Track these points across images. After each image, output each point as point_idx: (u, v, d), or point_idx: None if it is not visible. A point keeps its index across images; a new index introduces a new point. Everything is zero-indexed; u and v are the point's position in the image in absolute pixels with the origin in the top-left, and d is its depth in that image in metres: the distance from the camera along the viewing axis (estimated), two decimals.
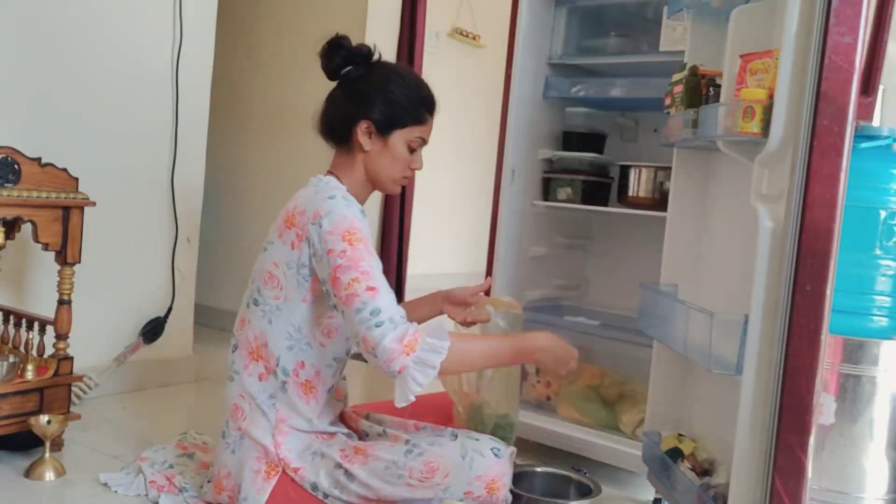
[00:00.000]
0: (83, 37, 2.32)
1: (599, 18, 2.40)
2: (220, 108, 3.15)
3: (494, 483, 1.52)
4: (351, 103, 1.67)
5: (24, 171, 1.85)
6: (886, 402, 1.56)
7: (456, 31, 4.90)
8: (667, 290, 1.79)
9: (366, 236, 1.54)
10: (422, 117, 1.67)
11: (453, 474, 1.51)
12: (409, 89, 1.66)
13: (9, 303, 2.17)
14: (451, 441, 1.56)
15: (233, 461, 1.63)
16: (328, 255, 1.50)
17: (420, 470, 1.51)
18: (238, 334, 1.66)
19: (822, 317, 1.30)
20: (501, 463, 1.54)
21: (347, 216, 1.53)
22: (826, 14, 1.29)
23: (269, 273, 1.59)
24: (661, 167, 2.16)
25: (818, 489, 1.56)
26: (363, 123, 1.64)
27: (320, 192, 1.59)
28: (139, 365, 2.56)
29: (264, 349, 1.60)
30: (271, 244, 1.61)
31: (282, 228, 1.59)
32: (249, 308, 1.64)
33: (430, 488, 1.51)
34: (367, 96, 1.65)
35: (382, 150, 1.65)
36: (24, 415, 1.87)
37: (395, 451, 1.55)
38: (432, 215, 5.21)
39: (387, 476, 1.52)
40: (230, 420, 1.64)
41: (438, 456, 1.52)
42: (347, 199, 1.57)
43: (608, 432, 2.12)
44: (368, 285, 1.47)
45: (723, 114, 1.46)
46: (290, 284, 1.57)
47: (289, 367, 1.60)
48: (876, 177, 1.57)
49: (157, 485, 1.76)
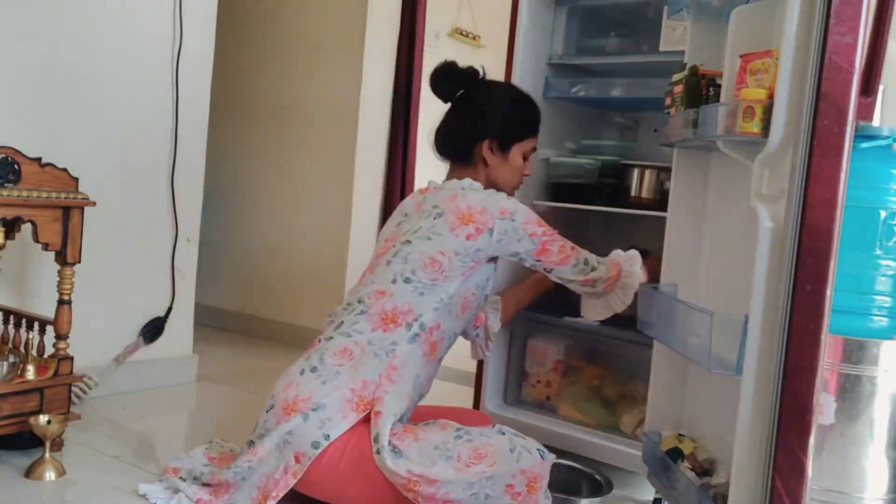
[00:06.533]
0: (83, 37, 2.32)
1: (599, 18, 2.40)
2: (220, 108, 3.15)
3: (536, 481, 1.57)
4: (472, 123, 1.88)
5: (24, 171, 1.85)
6: (886, 402, 1.56)
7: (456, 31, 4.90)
8: (667, 290, 1.79)
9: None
10: (535, 130, 1.92)
11: (500, 464, 1.56)
12: (523, 106, 1.92)
13: (9, 303, 2.17)
14: (500, 435, 1.62)
15: (320, 388, 1.66)
16: (531, 237, 1.79)
17: (468, 454, 1.57)
18: (370, 302, 1.75)
19: (822, 317, 1.30)
20: (545, 464, 1.60)
21: (527, 210, 1.81)
22: (826, 14, 1.29)
23: (433, 259, 1.74)
24: (661, 167, 2.16)
25: (818, 489, 1.56)
26: (486, 142, 1.86)
27: (492, 195, 1.80)
28: (139, 365, 2.56)
29: (403, 314, 1.73)
30: (439, 236, 1.75)
31: (455, 223, 1.75)
32: (396, 284, 1.74)
33: (475, 474, 1.55)
34: (487, 116, 1.87)
35: (503, 163, 1.88)
36: (24, 415, 1.87)
37: (445, 435, 1.62)
38: None
39: (435, 455, 1.57)
40: (328, 358, 1.70)
41: (487, 445, 1.59)
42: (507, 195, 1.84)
43: (608, 432, 2.12)
44: (571, 246, 1.82)
45: (723, 114, 1.46)
46: (453, 267, 1.74)
47: (427, 324, 1.73)
48: (876, 177, 1.57)
49: (203, 501, 1.69)
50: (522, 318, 2.30)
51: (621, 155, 2.36)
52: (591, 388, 2.25)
